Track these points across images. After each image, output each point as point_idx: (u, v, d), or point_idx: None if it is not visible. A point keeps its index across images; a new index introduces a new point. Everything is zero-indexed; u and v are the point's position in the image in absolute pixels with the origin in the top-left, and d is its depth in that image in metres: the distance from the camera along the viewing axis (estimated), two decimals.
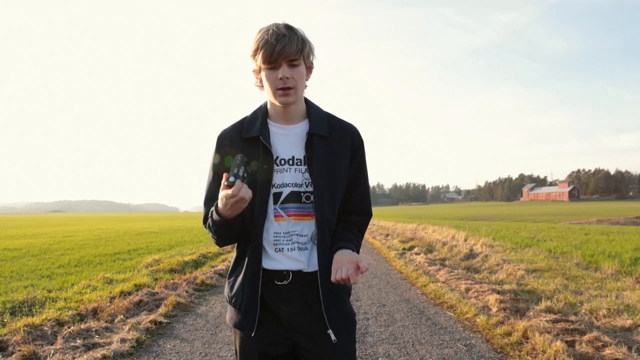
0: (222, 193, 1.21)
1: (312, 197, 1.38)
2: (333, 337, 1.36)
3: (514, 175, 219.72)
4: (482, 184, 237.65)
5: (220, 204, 1.24)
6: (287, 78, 1.32)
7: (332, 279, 1.28)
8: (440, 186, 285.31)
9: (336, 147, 1.43)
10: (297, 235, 1.39)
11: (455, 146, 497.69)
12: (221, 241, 1.40)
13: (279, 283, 1.38)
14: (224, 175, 1.20)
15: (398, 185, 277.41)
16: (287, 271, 1.38)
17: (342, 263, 1.28)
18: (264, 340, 1.39)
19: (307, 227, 1.40)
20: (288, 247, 1.39)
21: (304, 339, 1.40)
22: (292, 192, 1.39)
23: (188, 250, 10.48)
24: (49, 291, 5.56)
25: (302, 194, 1.39)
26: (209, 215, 1.37)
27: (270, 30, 1.31)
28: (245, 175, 1.20)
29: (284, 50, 1.29)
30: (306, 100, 1.48)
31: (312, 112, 1.45)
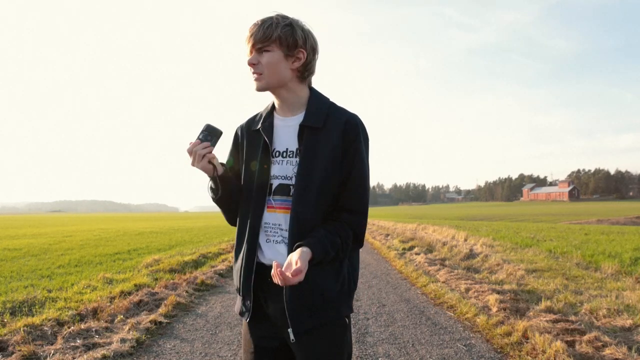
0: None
1: None
2: (292, 337, 1.35)
3: (514, 175, 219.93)
4: (482, 184, 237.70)
5: None
6: (254, 64, 1.36)
7: (274, 279, 1.19)
8: (440, 186, 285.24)
9: (326, 139, 1.37)
10: (282, 229, 1.39)
11: (455, 146, 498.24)
12: (221, 209, 1.52)
13: (269, 279, 1.36)
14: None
15: (398, 185, 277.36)
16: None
17: (288, 262, 1.22)
18: (257, 333, 1.46)
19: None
20: (275, 239, 1.40)
21: (287, 336, 1.40)
22: (280, 185, 1.40)
23: (188, 250, 10.48)
24: (49, 291, 5.56)
25: (292, 187, 1.38)
26: None
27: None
28: (208, 138, 1.36)
29: (251, 37, 1.35)
30: (311, 91, 1.46)
31: (312, 103, 1.43)
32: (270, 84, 1.38)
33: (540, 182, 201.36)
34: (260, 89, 1.39)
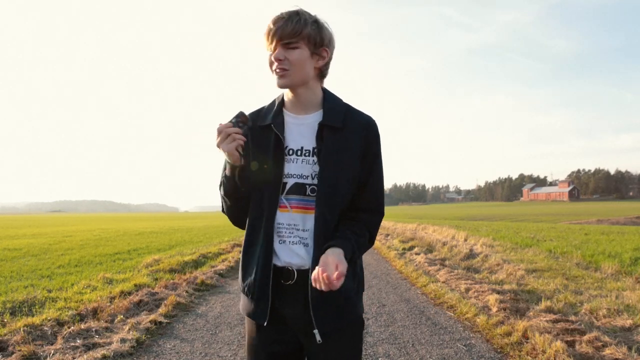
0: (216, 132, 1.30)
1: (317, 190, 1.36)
2: (318, 338, 1.33)
3: (514, 175, 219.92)
4: (482, 184, 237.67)
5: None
6: (280, 60, 1.31)
7: (313, 284, 1.21)
8: (440, 186, 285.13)
9: (348, 140, 1.38)
10: (299, 229, 1.36)
11: (455, 146, 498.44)
12: (230, 204, 1.42)
13: (285, 283, 1.35)
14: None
15: (398, 185, 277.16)
16: (292, 270, 1.35)
17: (325, 264, 1.22)
18: (269, 337, 1.39)
19: (310, 221, 1.36)
20: (290, 239, 1.36)
21: (306, 339, 1.39)
22: (296, 184, 1.36)
23: (188, 250, 10.48)
24: (49, 291, 5.56)
25: (308, 186, 1.36)
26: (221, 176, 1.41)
27: (275, 16, 1.33)
28: (241, 125, 1.29)
29: (278, 31, 1.29)
30: (324, 91, 1.44)
31: (328, 102, 1.42)
32: (294, 82, 1.35)
33: (540, 182, 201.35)
34: (284, 85, 1.35)
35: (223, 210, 1.49)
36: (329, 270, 1.19)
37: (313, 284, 1.20)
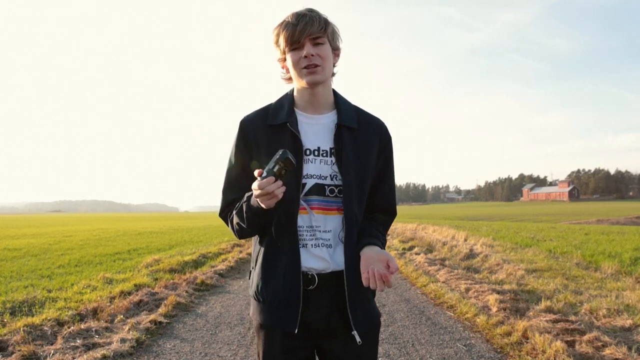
0: (254, 185, 1.19)
1: (336, 191, 1.34)
2: (358, 339, 1.31)
3: (514, 175, 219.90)
4: (482, 184, 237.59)
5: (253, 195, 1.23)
6: (312, 55, 1.28)
7: (365, 284, 1.21)
8: (440, 186, 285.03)
9: (365, 141, 1.38)
10: (321, 231, 1.33)
11: (455, 146, 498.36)
12: (250, 231, 1.34)
13: (307, 288, 1.31)
14: (258, 170, 1.18)
15: (398, 185, 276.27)
16: (313, 274, 1.32)
17: (372, 262, 1.22)
18: (290, 345, 1.34)
19: (331, 222, 1.34)
20: (312, 243, 1.32)
21: (328, 342, 1.37)
22: (316, 184, 1.33)
23: (188, 250, 10.48)
24: (49, 291, 5.57)
25: (327, 186, 1.34)
26: (242, 204, 1.31)
27: (291, 14, 1.31)
28: (283, 172, 1.16)
29: (306, 28, 1.27)
30: (334, 91, 1.44)
31: (341, 103, 1.41)
32: (325, 78, 1.33)
33: (540, 182, 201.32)
34: (316, 82, 1.31)
35: (234, 231, 1.39)
36: (378, 268, 1.20)
37: (365, 283, 1.21)
